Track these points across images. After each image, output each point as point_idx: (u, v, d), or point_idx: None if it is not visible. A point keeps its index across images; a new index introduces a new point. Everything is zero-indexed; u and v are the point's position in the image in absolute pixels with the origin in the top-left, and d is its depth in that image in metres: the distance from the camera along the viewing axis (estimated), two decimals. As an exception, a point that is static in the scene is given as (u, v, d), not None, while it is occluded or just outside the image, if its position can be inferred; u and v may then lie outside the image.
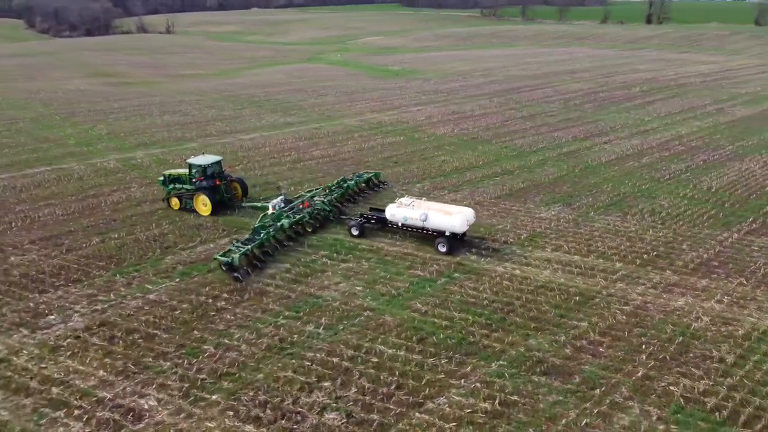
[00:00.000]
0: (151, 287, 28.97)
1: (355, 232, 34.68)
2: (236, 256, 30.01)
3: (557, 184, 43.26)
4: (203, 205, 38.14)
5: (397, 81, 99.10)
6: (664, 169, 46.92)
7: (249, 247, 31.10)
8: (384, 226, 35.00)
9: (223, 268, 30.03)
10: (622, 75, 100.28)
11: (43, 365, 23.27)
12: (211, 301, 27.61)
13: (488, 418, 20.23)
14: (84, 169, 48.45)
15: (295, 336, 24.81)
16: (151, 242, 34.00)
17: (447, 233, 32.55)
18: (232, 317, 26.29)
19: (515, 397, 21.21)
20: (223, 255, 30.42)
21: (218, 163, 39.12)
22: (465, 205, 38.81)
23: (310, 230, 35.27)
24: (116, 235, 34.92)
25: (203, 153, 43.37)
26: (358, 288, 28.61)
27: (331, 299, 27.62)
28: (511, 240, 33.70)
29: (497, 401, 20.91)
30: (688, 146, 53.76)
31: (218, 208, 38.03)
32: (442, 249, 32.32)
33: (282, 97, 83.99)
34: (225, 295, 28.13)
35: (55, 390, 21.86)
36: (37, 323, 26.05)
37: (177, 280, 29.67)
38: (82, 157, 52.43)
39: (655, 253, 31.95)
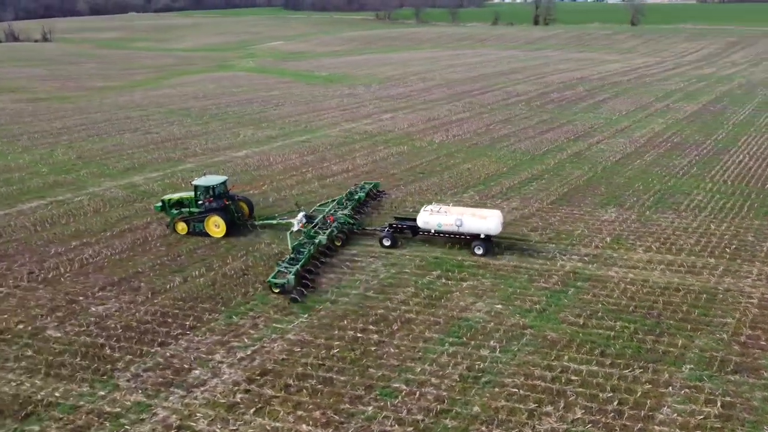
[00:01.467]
0: (282, 326, 26.95)
1: (387, 243, 34.99)
2: (291, 277, 29.62)
3: (593, 186, 45.13)
4: (215, 226, 36.66)
5: (339, 88, 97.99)
6: (670, 165, 50.44)
7: (297, 266, 30.65)
8: (414, 233, 35.41)
9: (276, 291, 29.55)
10: (552, 75, 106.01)
11: (232, 427, 20.99)
12: (361, 335, 26.18)
13: (721, 422, 20.97)
14: (88, 200, 43.68)
15: (479, 363, 24.16)
16: (241, 277, 31.53)
17: (482, 236, 33.46)
18: (397, 350, 25.07)
19: (728, 398, 22.15)
20: (274, 277, 29.90)
21: (224, 183, 38.13)
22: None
23: (339, 244, 35.20)
24: (196, 273, 31.96)
25: (204, 174, 41.52)
26: (497, 306, 28.33)
27: (481, 320, 27.16)
28: (600, 244, 34.83)
29: (718, 404, 21.74)
30: (672, 142, 58.15)
31: (230, 229, 36.58)
32: (479, 252, 33.46)
33: (236, 108, 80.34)
34: (371, 327, 26.79)
35: (273, 453, 19.88)
36: (185, 380, 23.40)
37: (305, 316, 27.79)
38: (72, 186, 47.21)
39: (733, 246, 34.43)
